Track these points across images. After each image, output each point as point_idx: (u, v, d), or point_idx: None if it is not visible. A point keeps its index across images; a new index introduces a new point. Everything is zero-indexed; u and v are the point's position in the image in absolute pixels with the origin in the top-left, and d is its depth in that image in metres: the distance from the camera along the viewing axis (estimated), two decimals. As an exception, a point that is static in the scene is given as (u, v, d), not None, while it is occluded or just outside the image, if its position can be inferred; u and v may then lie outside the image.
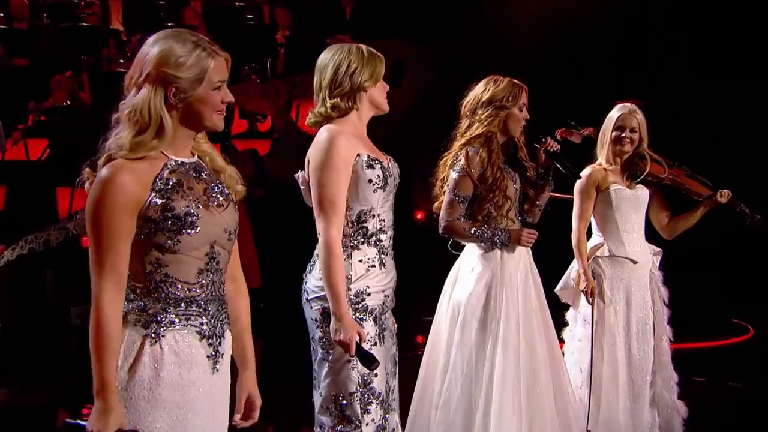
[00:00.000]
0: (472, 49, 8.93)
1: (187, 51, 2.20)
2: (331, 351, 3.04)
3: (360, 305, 3.06)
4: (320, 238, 3.02)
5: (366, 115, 3.17)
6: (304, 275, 3.18)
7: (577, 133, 4.17)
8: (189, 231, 2.18)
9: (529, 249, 3.92)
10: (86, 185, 2.21)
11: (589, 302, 4.20)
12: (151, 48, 2.20)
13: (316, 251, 3.12)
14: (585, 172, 4.27)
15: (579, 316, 4.33)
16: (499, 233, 3.74)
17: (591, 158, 4.39)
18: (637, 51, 8.72)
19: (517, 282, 3.79)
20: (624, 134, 4.25)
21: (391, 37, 8.93)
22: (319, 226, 3.02)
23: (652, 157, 4.31)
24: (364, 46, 3.15)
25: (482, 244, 3.76)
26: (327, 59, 3.11)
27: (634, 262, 4.29)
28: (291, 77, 9.41)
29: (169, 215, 2.17)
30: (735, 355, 6.75)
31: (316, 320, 3.09)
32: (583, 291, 4.20)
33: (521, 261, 3.84)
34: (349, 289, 3.04)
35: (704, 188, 4.38)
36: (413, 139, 8.05)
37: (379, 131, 3.24)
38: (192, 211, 2.19)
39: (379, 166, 3.07)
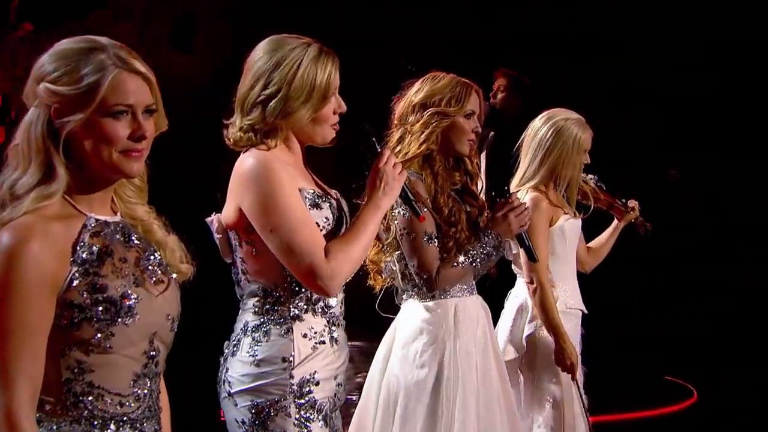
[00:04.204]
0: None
1: (77, 54, 1.64)
2: None
3: (306, 400, 2.21)
4: (327, 287, 2.16)
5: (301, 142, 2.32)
6: (220, 359, 2.29)
7: None
8: (126, 320, 1.66)
9: (487, 308, 3.00)
10: None
11: (574, 380, 3.25)
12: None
13: (240, 324, 2.25)
14: (529, 202, 3.25)
15: (541, 396, 3.33)
16: (490, 236, 2.83)
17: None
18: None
19: (476, 357, 2.87)
20: (587, 160, 3.38)
21: None
22: (302, 274, 2.17)
23: None
24: (313, 50, 2.22)
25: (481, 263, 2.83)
26: (259, 55, 2.23)
27: (584, 314, 3.43)
28: (32, 34, 6.88)
29: (100, 298, 1.65)
30: (682, 427, 5.86)
31: (243, 423, 2.25)
32: (565, 370, 3.22)
33: (479, 326, 2.93)
34: (291, 377, 2.22)
35: (620, 203, 3.67)
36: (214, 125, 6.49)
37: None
38: (129, 292, 1.67)
39: (328, 205, 2.24)
